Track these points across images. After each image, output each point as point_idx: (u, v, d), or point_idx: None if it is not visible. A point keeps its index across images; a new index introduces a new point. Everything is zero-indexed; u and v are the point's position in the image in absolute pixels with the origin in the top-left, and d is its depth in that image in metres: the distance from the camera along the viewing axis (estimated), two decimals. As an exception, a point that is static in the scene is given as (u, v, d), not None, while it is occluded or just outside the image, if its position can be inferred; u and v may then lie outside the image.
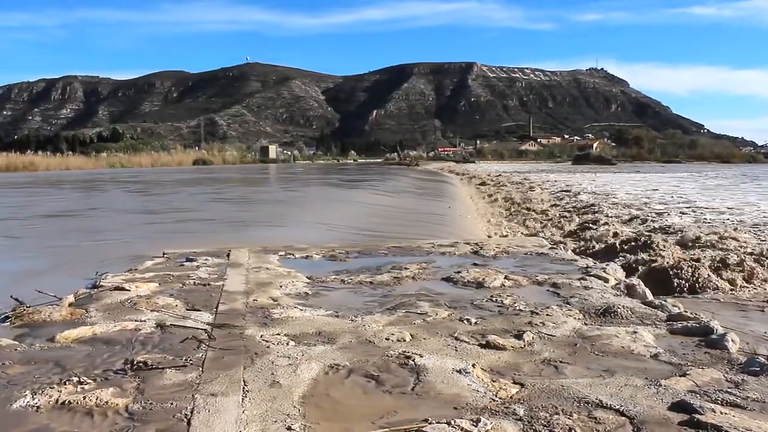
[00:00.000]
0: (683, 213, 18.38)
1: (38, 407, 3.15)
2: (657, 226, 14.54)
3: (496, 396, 3.17)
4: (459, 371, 3.50)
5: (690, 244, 10.76)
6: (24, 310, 5.13)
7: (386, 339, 4.14)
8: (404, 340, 4.11)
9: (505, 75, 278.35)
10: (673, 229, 13.79)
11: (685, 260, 8.16)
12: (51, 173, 51.76)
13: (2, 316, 5.07)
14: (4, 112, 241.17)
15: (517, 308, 4.96)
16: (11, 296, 5.37)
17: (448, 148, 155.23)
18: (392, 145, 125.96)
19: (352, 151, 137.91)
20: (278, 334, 4.25)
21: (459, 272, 6.39)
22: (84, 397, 3.20)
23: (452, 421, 2.83)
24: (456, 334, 4.22)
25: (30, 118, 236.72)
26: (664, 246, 9.96)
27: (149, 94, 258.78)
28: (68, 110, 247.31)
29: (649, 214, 17.74)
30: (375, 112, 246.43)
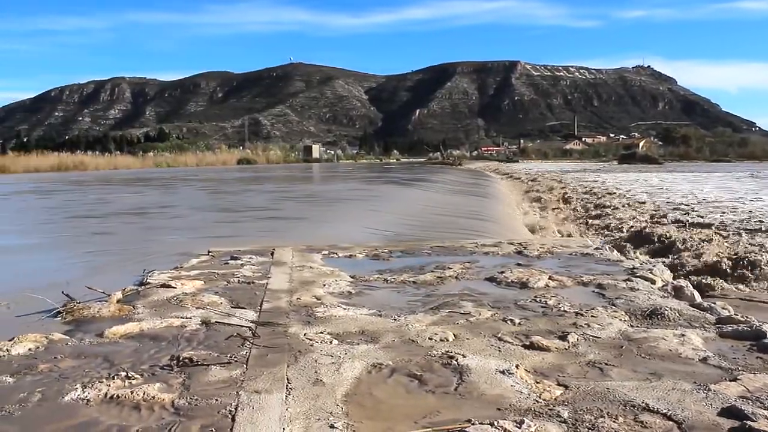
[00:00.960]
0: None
1: (88, 400, 3.22)
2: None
3: (540, 397, 3.14)
4: (502, 372, 3.48)
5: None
6: (74, 305, 5.26)
7: (429, 339, 4.13)
8: (447, 340, 4.10)
9: (549, 73, 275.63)
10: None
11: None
12: (100, 173, 52.85)
13: (54, 312, 5.20)
14: (56, 114, 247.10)
15: (562, 309, 4.90)
16: (62, 292, 5.51)
17: (491, 148, 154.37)
18: (435, 144, 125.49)
19: (395, 151, 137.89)
20: (321, 333, 4.28)
21: (502, 272, 6.34)
22: (131, 392, 3.27)
23: (495, 422, 2.81)
24: (499, 335, 4.19)
25: (80, 118, 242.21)
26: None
27: (195, 95, 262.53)
28: (116, 111, 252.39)
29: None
30: (418, 111, 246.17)
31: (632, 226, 13.98)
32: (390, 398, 3.20)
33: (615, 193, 25.69)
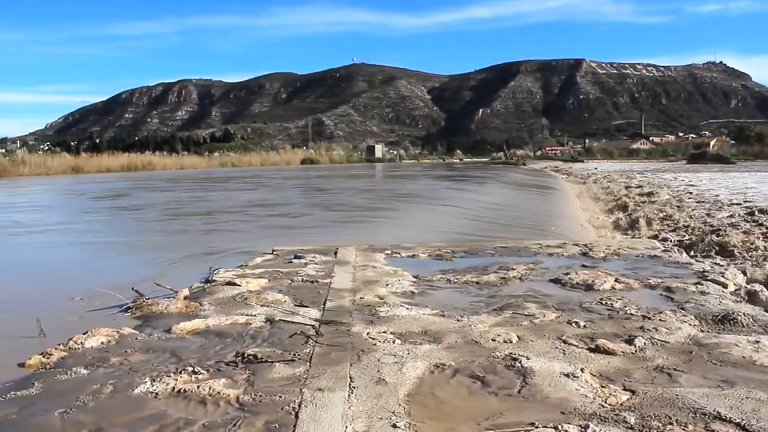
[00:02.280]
0: None
1: (156, 394, 3.32)
2: None
3: (605, 402, 3.08)
4: (567, 375, 3.42)
5: None
6: (143, 302, 5.42)
7: (492, 340, 4.09)
8: (511, 342, 4.06)
9: (615, 71, 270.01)
10: None
11: None
12: (167, 172, 54.18)
13: (125, 307, 5.37)
14: (126, 115, 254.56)
15: (628, 312, 4.79)
16: (132, 288, 5.68)
17: (555, 147, 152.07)
18: (498, 144, 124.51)
19: (458, 151, 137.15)
20: (384, 332, 4.29)
21: (567, 274, 6.24)
22: (198, 387, 3.34)
23: (559, 426, 2.77)
24: (564, 337, 4.13)
25: (149, 120, 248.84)
26: None
27: (259, 96, 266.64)
28: (183, 112, 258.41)
29: None
30: (481, 110, 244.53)
31: (702, 228, 13.52)
32: (452, 399, 3.19)
33: (689, 192, 24.90)
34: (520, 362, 3.64)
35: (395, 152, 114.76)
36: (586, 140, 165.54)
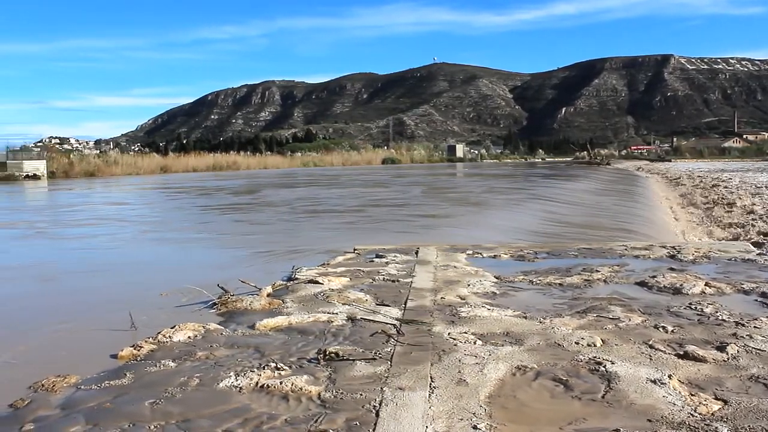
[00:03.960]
0: None
1: (240, 388, 3.40)
2: None
3: (695, 411, 2.97)
4: (654, 381, 3.32)
5: None
6: (228, 298, 5.57)
7: (576, 343, 4.01)
8: (595, 345, 3.97)
9: (705, 66, 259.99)
10: None
11: None
12: (251, 172, 55.44)
13: (210, 303, 5.52)
14: (212, 117, 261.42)
15: (720, 318, 4.61)
16: (218, 285, 5.84)
17: (641, 146, 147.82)
18: (582, 143, 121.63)
19: (540, 150, 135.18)
20: (465, 333, 4.26)
21: (654, 276, 6.06)
22: (281, 383, 3.40)
23: (647, 434, 2.69)
24: (650, 342, 4.01)
25: (233, 121, 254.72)
26: None
27: (340, 96, 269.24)
28: (266, 113, 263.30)
29: None
30: (564, 109, 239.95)
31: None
32: (534, 402, 3.14)
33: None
34: (604, 366, 3.55)
35: (476, 152, 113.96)
36: (674, 139, 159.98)
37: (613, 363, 3.61)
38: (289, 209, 17.13)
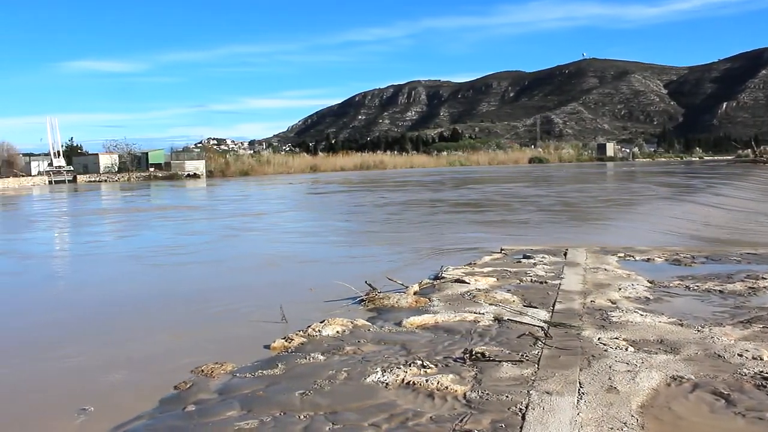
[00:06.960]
0: None
1: (387, 384, 3.45)
2: None
3: None
4: (830, 399, 3.05)
5: None
6: (375, 295, 5.67)
7: (739, 355, 3.75)
8: (761, 359, 3.69)
9: None
10: None
11: None
12: (397, 171, 56.26)
13: (358, 299, 5.66)
14: (360, 117, 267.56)
15: None
16: (366, 282, 5.97)
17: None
18: (745, 140, 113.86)
19: (697, 148, 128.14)
20: (616, 338, 4.11)
21: (830, 285, 5.57)
22: (426, 380, 3.42)
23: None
24: (826, 357, 3.68)
25: (380, 121, 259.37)
26: None
27: (486, 95, 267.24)
28: (413, 113, 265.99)
29: None
30: (725, 104, 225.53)
31: None
32: (691, 415, 2.97)
33: None
34: (772, 381, 3.30)
35: (628, 150, 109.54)
36: None
37: (782, 377, 3.34)
38: (434, 209, 17.21)
